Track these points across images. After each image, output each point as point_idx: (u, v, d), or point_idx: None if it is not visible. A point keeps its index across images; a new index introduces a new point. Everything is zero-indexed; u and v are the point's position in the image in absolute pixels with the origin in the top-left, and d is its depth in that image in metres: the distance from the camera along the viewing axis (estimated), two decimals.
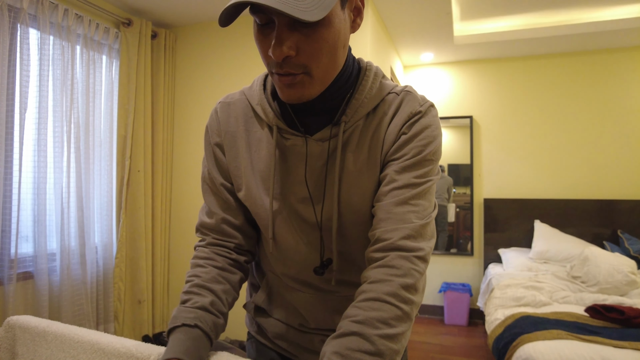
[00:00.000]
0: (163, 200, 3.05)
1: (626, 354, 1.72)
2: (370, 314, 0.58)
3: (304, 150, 0.72)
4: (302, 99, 0.65)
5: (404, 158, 0.69)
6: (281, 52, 0.58)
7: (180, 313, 0.69)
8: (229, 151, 0.79)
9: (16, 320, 1.02)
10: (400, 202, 0.66)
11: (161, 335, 2.86)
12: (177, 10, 2.90)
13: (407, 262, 0.62)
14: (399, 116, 0.70)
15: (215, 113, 0.81)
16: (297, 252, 0.77)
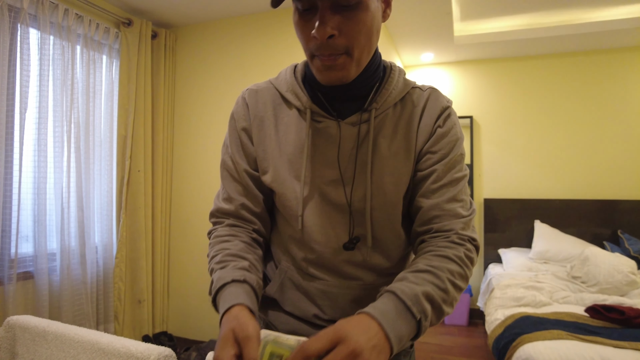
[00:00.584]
0: (163, 200, 3.05)
1: (626, 354, 1.72)
2: (441, 263, 0.66)
3: (336, 132, 0.74)
4: (341, 80, 0.69)
5: (441, 153, 0.74)
6: (325, 31, 0.62)
7: (224, 274, 0.69)
8: (256, 134, 0.80)
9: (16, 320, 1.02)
10: (449, 200, 0.73)
11: (161, 335, 2.86)
12: (178, 11, 2.90)
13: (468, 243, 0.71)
14: (431, 109, 0.76)
15: (242, 99, 0.82)
16: (324, 234, 0.76)
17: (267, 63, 2.89)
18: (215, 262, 0.73)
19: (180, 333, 3.09)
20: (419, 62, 3.97)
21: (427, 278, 0.64)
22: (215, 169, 3.01)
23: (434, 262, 0.66)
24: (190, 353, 2.52)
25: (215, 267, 0.72)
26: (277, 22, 2.87)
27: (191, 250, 3.08)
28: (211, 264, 0.74)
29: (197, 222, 3.07)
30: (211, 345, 2.52)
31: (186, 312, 3.08)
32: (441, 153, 0.74)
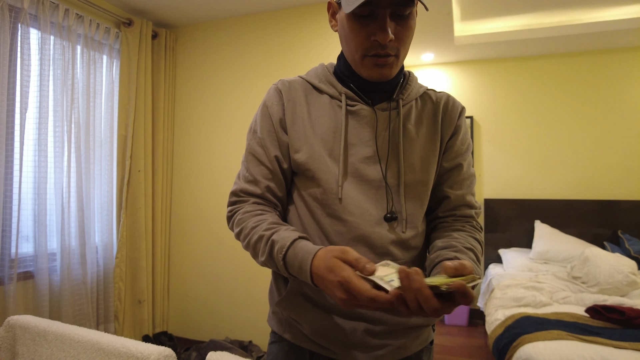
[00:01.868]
0: (163, 200, 3.05)
1: (626, 354, 1.72)
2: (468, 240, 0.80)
3: (369, 114, 0.83)
4: (388, 77, 0.80)
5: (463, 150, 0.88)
6: (387, 35, 0.72)
7: (284, 234, 0.73)
8: (289, 117, 0.84)
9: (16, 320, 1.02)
10: (469, 192, 0.89)
11: (161, 335, 2.86)
12: (178, 11, 2.90)
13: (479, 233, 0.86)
14: (452, 108, 0.88)
15: (275, 88, 0.88)
16: (359, 207, 0.79)
17: (267, 63, 2.89)
18: (262, 230, 0.76)
19: (181, 333, 3.09)
20: (419, 62, 3.97)
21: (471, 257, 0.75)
22: (215, 167, 3.01)
23: (471, 242, 0.79)
24: (190, 353, 2.52)
25: (265, 233, 0.75)
26: (277, 22, 2.87)
27: (191, 250, 3.08)
28: (255, 233, 0.77)
29: (197, 222, 3.07)
30: (211, 345, 2.52)
31: (186, 312, 3.08)
32: (463, 150, 0.89)
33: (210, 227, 3.02)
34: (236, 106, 2.98)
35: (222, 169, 3.00)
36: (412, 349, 0.84)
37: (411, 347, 0.83)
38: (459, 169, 0.88)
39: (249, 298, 2.87)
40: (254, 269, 2.86)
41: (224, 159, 3.00)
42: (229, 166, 2.98)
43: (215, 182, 3.02)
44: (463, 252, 0.75)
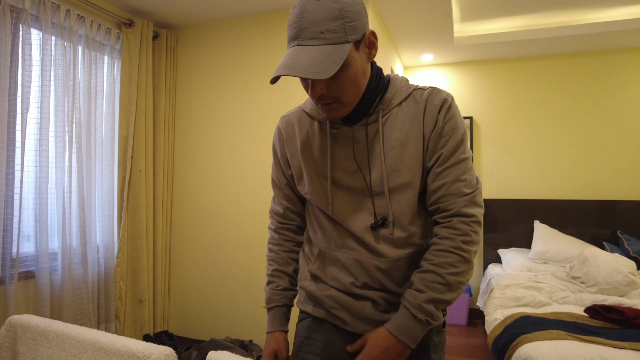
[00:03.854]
0: (164, 200, 3.06)
1: (626, 354, 1.72)
2: (441, 259, 0.85)
3: (350, 134, 0.92)
4: (340, 117, 0.87)
5: (445, 140, 0.88)
6: (315, 92, 0.82)
7: (271, 296, 1.07)
8: (289, 151, 1.02)
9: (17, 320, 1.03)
10: (454, 180, 0.87)
11: (162, 335, 2.87)
12: (179, 11, 2.90)
13: (465, 226, 0.86)
14: (432, 103, 0.89)
15: (277, 129, 1.05)
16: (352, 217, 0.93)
17: (267, 64, 2.90)
18: (267, 274, 1.10)
19: (181, 332, 3.10)
20: (419, 63, 3.98)
21: (430, 279, 0.85)
22: (216, 167, 3.03)
23: (436, 260, 0.86)
24: (191, 352, 2.53)
25: (268, 279, 1.10)
26: (277, 23, 2.88)
27: (192, 249, 3.09)
28: (267, 270, 1.11)
29: (197, 222, 3.08)
30: (212, 345, 2.53)
31: (187, 311, 3.09)
32: (445, 139, 0.88)
33: (211, 227, 3.03)
34: (237, 106, 2.99)
35: (222, 169, 3.01)
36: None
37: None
38: (440, 159, 0.88)
39: (249, 297, 2.88)
40: (255, 269, 2.87)
41: (225, 159, 3.01)
42: (229, 166, 2.99)
43: (216, 182, 3.03)
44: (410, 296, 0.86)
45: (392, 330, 0.85)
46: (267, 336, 1.04)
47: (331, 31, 0.77)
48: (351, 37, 0.79)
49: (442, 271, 0.84)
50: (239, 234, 2.93)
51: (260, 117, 2.90)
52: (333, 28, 0.77)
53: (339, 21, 0.78)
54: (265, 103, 2.89)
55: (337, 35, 0.78)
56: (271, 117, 2.87)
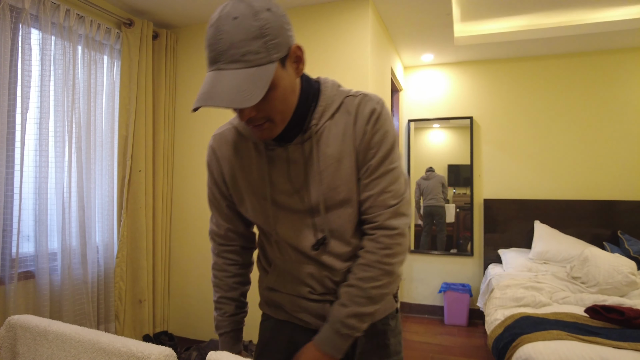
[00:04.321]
0: (164, 200, 3.06)
1: (626, 354, 1.72)
2: (365, 274, 0.88)
3: (285, 155, 0.90)
4: (270, 137, 0.84)
5: (374, 152, 0.87)
6: (244, 116, 0.78)
7: (219, 323, 1.08)
8: (227, 173, 0.98)
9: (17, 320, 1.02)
10: (381, 192, 0.88)
11: (162, 335, 2.87)
12: (179, 11, 2.90)
13: (388, 239, 0.88)
14: (362, 115, 0.87)
15: (211, 148, 1.00)
16: (296, 238, 0.94)
17: None
18: (214, 300, 1.09)
19: (181, 333, 3.09)
20: (419, 62, 3.98)
21: (354, 293, 0.88)
22: None
23: (359, 274, 0.89)
24: (190, 352, 2.53)
25: (214, 304, 1.09)
26: None
27: (192, 249, 3.09)
28: (213, 296, 1.09)
29: (197, 222, 3.08)
30: (211, 345, 2.53)
31: (187, 311, 3.09)
32: (373, 151, 0.87)
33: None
34: None
35: None
36: (378, 316, 1.00)
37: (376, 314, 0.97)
38: (368, 170, 0.88)
39: (249, 298, 2.87)
40: (254, 269, 2.86)
41: None
42: None
43: None
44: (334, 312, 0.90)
45: (318, 345, 0.89)
46: None
47: (253, 52, 0.72)
48: (275, 56, 0.74)
49: (364, 285, 0.87)
50: None
51: None
52: (255, 49, 0.72)
53: (260, 40, 0.73)
54: None
55: (260, 56, 0.73)
56: None
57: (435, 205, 3.97)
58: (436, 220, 3.98)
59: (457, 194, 3.93)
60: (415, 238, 4.04)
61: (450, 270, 3.92)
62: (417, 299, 4.00)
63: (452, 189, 3.95)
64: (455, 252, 3.91)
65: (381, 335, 1.01)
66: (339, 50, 2.67)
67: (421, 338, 3.36)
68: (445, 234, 3.96)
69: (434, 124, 4.02)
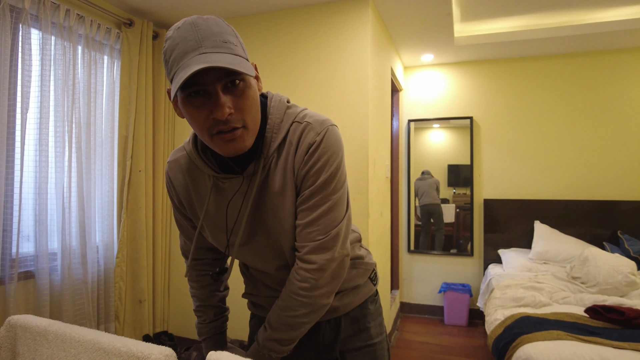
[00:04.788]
0: (164, 200, 3.06)
1: (626, 354, 1.72)
2: (284, 302, 0.91)
3: (237, 187, 0.88)
4: (242, 150, 0.79)
5: (309, 184, 0.86)
6: (224, 111, 0.72)
7: (200, 329, 1.13)
8: (184, 200, 0.99)
9: (17, 320, 1.02)
10: (308, 224, 0.86)
11: (162, 335, 2.87)
12: (179, 11, 2.90)
13: (306, 273, 0.87)
14: (301, 147, 0.85)
15: (167, 175, 1.00)
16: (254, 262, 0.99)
17: (267, 63, 2.90)
18: (194, 309, 1.13)
19: (181, 333, 3.09)
20: (419, 63, 3.98)
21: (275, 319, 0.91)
22: None
23: (280, 302, 0.92)
24: (190, 352, 2.53)
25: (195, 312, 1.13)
26: (278, 23, 2.87)
27: None
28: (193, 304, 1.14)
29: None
30: None
31: (187, 311, 3.09)
32: (309, 182, 0.86)
33: None
34: None
35: None
36: (356, 302, 1.06)
37: (355, 300, 1.05)
38: (302, 200, 0.87)
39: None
40: None
41: None
42: None
43: None
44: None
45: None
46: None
47: (232, 43, 0.73)
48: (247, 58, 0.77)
49: (282, 314, 0.90)
50: None
51: None
52: (234, 42, 0.74)
53: (237, 39, 0.76)
54: None
55: (239, 49, 0.74)
56: None
57: (431, 204, 3.98)
58: (434, 219, 3.98)
59: (457, 194, 3.93)
60: (415, 238, 4.04)
61: (450, 270, 3.92)
62: (417, 299, 4.00)
63: (452, 189, 3.95)
64: (455, 252, 3.91)
65: (361, 320, 1.06)
66: (339, 50, 2.67)
67: (421, 338, 3.36)
68: (444, 233, 3.96)
69: (434, 124, 4.02)
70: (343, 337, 1.04)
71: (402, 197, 4.07)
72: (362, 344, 1.05)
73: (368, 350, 1.05)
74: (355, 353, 1.04)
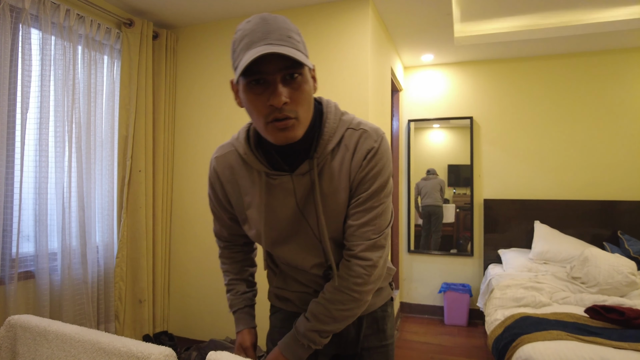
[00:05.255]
0: (164, 200, 3.06)
1: (626, 354, 1.72)
2: (333, 296, 0.96)
3: (291, 185, 0.94)
4: (292, 140, 0.84)
5: (365, 187, 0.92)
6: (281, 99, 0.78)
7: (232, 301, 1.18)
8: (232, 196, 1.04)
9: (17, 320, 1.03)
10: (363, 224, 0.93)
11: (162, 335, 2.87)
12: (179, 11, 2.90)
13: (361, 269, 0.93)
14: (359, 152, 0.92)
15: (214, 170, 1.05)
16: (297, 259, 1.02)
17: None
18: (225, 283, 1.20)
19: (181, 333, 3.09)
20: (419, 63, 3.98)
21: (319, 311, 0.96)
22: None
23: (328, 295, 0.96)
24: (190, 353, 2.53)
25: (227, 288, 1.20)
26: None
27: (192, 250, 3.09)
28: (224, 280, 1.21)
29: (197, 222, 3.07)
30: (211, 345, 2.53)
31: (187, 311, 3.09)
32: (366, 186, 0.92)
33: (211, 227, 3.02)
34: (236, 106, 2.98)
35: None
36: (378, 304, 1.12)
37: (377, 302, 1.11)
38: (357, 202, 0.93)
39: None
40: None
41: None
42: None
43: None
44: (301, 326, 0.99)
45: (280, 347, 0.99)
46: (237, 335, 1.16)
47: (295, 40, 0.80)
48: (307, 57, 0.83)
49: (330, 307, 0.95)
50: None
51: None
52: (297, 39, 0.80)
53: (300, 37, 0.82)
54: None
55: (301, 47, 0.81)
56: None
57: (433, 205, 3.98)
58: (432, 220, 3.98)
59: (457, 194, 3.93)
60: (415, 238, 4.04)
61: (450, 270, 3.92)
62: (417, 299, 4.00)
63: (452, 189, 3.95)
64: (455, 252, 3.91)
65: (380, 321, 1.13)
66: (339, 50, 2.67)
67: (421, 338, 3.36)
68: (441, 235, 3.96)
69: (434, 124, 4.02)
70: (363, 335, 1.10)
71: (402, 197, 4.07)
72: (379, 343, 1.12)
73: (383, 350, 1.12)
74: (372, 351, 1.11)
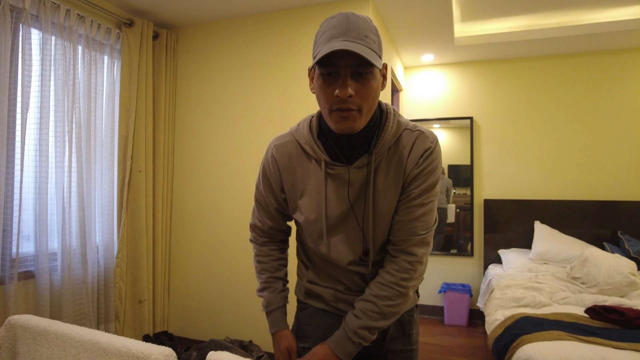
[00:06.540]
0: (164, 200, 3.06)
1: (626, 355, 1.72)
2: (381, 292, 0.99)
3: (346, 177, 0.99)
4: (352, 130, 0.90)
5: (418, 183, 0.97)
6: (347, 91, 0.85)
7: (271, 299, 1.17)
8: (286, 183, 1.07)
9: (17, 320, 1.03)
10: (413, 220, 0.97)
11: (162, 335, 2.87)
12: (179, 11, 2.90)
13: (408, 264, 0.98)
14: (415, 150, 0.97)
15: (271, 155, 1.08)
16: (341, 252, 1.04)
17: (268, 63, 2.90)
18: (262, 281, 1.19)
19: (181, 333, 3.09)
20: (420, 63, 3.98)
21: (368, 308, 0.99)
22: (216, 168, 3.02)
23: (376, 291, 0.99)
24: (190, 353, 2.53)
25: (263, 286, 1.19)
26: (278, 23, 2.88)
27: (192, 250, 3.09)
28: (259, 279, 1.20)
29: (197, 222, 3.08)
30: (211, 345, 2.53)
31: (187, 311, 3.09)
32: (418, 182, 0.97)
33: (211, 227, 3.02)
34: (237, 106, 2.98)
35: (222, 169, 3.01)
36: (406, 308, 1.11)
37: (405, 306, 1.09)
38: (408, 197, 0.98)
39: (249, 298, 2.88)
40: (254, 269, 2.86)
41: (225, 159, 3.01)
42: (229, 166, 2.99)
43: (216, 182, 3.02)
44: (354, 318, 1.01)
45: (331, 345, 1.01)
46: (275, 336, 1.15)
47: (371, 40, 0.86)
48: (381, 56, 0.88)
49: (379, 303, 0.98)
50: (238, 234, 2.92)
51: (260, 116, 2.90)
52: (373, 39, 0.87)
53: (377, 38, 0.89)
54: (265, 102, 2.89)
55: (375, 47, 0.87)
56: (271, 117, 2.87)
57: (438, 207, 3.97)
58: None
59: (457, 194, 3.93)
60: None
61: (450, 271, 3.92)
62: None
63: (453, 189, 3.95)
64: (455, 253, 3.91)
65: (407, 325, 1.14)
66: None
67: (421, 338, 3.36)
68: (444, 236, 3.96)
69: (434, 124, 4.02)
70: (390, 337, 1.12)
71: None
72: (404, 347, 1.14)
73: (407, 354, 1.14)
74: (397, 354, 1.13)
